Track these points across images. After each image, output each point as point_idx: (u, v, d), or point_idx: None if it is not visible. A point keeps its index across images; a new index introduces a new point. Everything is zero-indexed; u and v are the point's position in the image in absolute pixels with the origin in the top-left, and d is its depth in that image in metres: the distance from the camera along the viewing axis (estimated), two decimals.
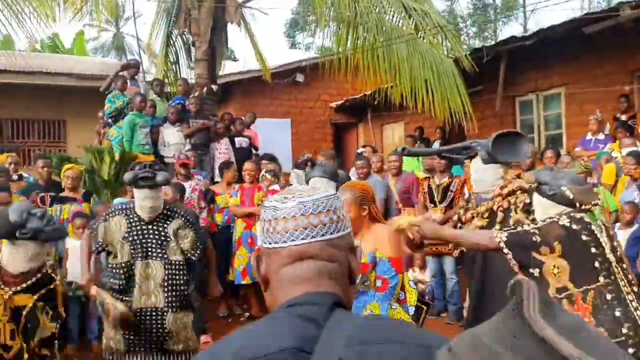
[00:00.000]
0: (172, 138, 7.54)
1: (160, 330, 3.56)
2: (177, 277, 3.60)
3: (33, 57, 9.77)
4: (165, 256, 3.59)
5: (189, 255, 3.66)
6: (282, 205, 1.09)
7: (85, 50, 16.81)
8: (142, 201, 3.59)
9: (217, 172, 7.65)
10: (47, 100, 11.93)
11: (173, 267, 3.59)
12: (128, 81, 7.95)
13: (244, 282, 6.30)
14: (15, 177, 6.17)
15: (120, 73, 8.04)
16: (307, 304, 1.03)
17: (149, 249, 3.58)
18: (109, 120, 7.90)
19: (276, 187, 6.48)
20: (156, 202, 3.61)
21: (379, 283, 2.86)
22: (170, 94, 9.59)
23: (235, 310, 6.59)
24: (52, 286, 2.95)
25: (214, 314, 6.31)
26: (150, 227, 3.60)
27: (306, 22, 18.59)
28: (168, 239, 3.60)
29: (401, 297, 2.97)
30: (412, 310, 3.03)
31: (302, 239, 1.07)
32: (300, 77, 13.04)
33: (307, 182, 4.53)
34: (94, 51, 20.58)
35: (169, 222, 3.63)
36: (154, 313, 3.55)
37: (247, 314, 6.42)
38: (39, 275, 2.90)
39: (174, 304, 3.57)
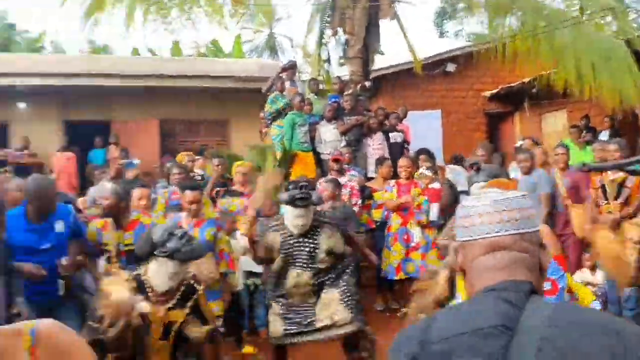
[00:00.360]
0: (329, 135, 7.77)
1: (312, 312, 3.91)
2: (325, 278, 3.95)
3: (199, 62, 10.64)
4: (314, 266, 3.89)
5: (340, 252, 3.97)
6: (477, 203, 1.23)
7: (242, 52, 17.85)
8: (296, 219, 3.88)
9: (370, 167, 7.75)
10: (212, 102, 12.93)
11: (322, 273, 3.93)
12: (287, 82, 8.33)
13: (396, 278, 6.30)
14: (197, 176, 6.71)
15: (280, 74, 8.44)
16: (506, 289, 1.14)
17: (299, 260, 3.91)
18: (269, 120, 8.35)
19: (436, 185, 6.39)
20: (308, 220, 3.88)
21: (547, 286, 2.70)
22: (323, 91, 9.89)
23: (391, 304, 6.64)
24: (195, 296, 3.08)
25: (371, 307, 6.41)
26: (301, 239, 3.91)
27: (455, 11, 18.02)
28: (317, 250, 3.89)
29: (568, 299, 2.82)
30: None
31: (496, 232, 1.20)
32: (451, 67, 12.73)
33: (469, 186, 4.41)
34: (249, 53, 21.72)
35: (318, 232, 3.92)
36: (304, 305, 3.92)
37: (404, 309, 6.43)
38: (182, 288, 3.05)
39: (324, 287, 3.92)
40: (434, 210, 6.24)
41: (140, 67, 10.83)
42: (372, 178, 7.47)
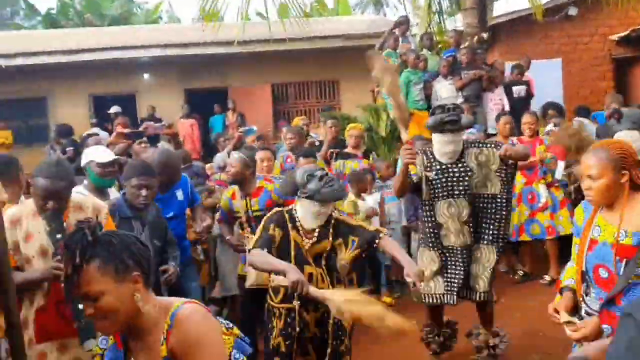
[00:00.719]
0: (445, 92, 7.55)
1: (467, 268, 3.68)
2: (481, 210, 3.63)
3: (306, 23, 10.63)
4: (469, 192, 3.59)
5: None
6: None
7: (348, 7, 17.64)
8: (446, 146, 3.59)
9: (490, 124, 7.46)
10: (321, 63, 12.98)
11: (478, 200, 3.62)
12: (400, 38, 8.16)
13: (520, 239, 6.08)
14: (316, 142, 6.77)
15: (393, 31, 8.28)
16: None
17: (451, 188, 3.62)
18: None
19: None
20: (458, 146, 3.60)
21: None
22: (436, 45, 9.57)
23: (516, 266, 6.45)
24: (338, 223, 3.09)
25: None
26: (449, 165, 3.63)
27: None
28: (469, 173, 3.59)
29: None
30: None
31: None
32: (573, 11, 11.75)
33: (605, 137, 4.10)
34: (353, 8, 21.45)
35: (465, 158, 3.62)
36: (462, 251, 3.67)
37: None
38: (330, 225, 3.07)
39: (481, 236, 3.66)
40: (560, 169, 5.92)
41: (252, 32, 11.04)
42: (492, 135, 7.20)
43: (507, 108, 7.42)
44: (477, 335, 3.94)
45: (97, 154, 3.72)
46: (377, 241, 3.06)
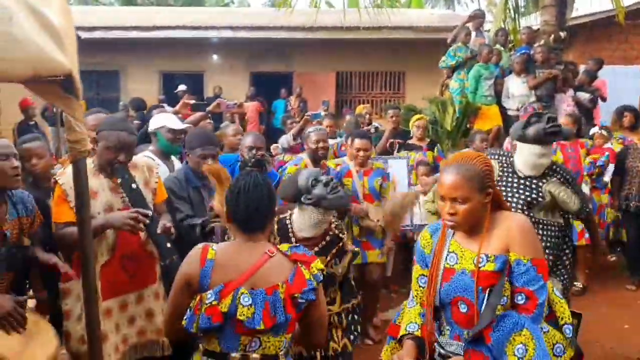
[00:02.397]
0: (517, 89, 7.33)
1: None
2: (546, 237, 3.33)
3: (376, 13, 10.56)
4: (531, 214, 3.31)
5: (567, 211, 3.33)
6: None
7: (420, 1, 17.46)
8: (538, 159, 3.27)
9: None
10: (388, 54, 12.88)
11: (542, 227, 3.34)
12: (473, 32, 7.98)
13: None
14: (372, 128, 6.73)
15: (466, 24, 8.10)
16: None
17: (516, 204, 3.36)
18: (445, 71, 8.10)
19: (610, 145, 5.80)
20: (543, 161, 3.29)
21: (520, 299, 2.02)
22: (509, 43, 9.30)
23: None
24: (341, 244, 2.85)
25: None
26: (523, 181, 3.35)
27: None
28: (540, 198, 3.31)
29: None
30: (568, 330, 2.14)
31: None
32: None
33: None
34: (425, 1, 21.20)
35: (544, 180, 3.32)
36: None
37: None
38: (327, 238, 2.83)
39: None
40: (608, 172, 5.74)
41: (321, 19, 11.05)
42: None
43: (576, 111, 7.13)
44: None
45: (169, 120, 3.80)
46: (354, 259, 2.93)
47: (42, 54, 1.44)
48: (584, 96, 7.67)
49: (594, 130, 6.60)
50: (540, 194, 3.31)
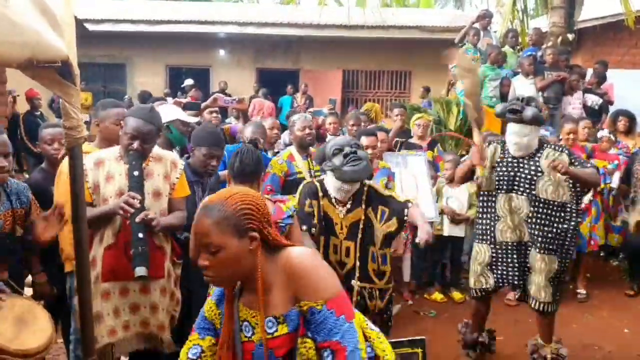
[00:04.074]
0: (524, 91, 7.27)
1: (523, 266, 3.56)
2: (544, 215, 3.46)
3: (383, 12, 10.55)
4: (533, 192, 3.47)
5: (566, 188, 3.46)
6: None
7: (429, 1, 17.41)
8: (509, 136, 3.52)
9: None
10: (395, 53, 12.85)
11: (541, 204, 3.46)
12: (481, 32, 7.94)
13: None
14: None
15: (474, 24, 8.07)
16: None
17: (516, 183, 3.52)
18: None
19: (614, 151, 5.76)
20: (522, 140, 3.47)
21: (327, 356, 1.57)
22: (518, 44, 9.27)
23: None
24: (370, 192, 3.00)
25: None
26: (517, 160, 3.53)
27: None
28: (539, 174, 3.46)
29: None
30: None
31: None
32: None
33: None
34: (435, 2, 21.12)
35: (538, 156, 3.49)
36: (516, 247, 3.56)
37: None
38: (362, 194, 2.97)
39: (539, 243, 3.49)
40: (615, 179, 5.70)
41: (328, 17, 11.05)
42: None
43: (583, 114, 7.09)
44: (533, 346, 3.76)
45: (182, 114, 3.90)
46: (406, 212, 2.97)
47: (39, 38, 1.44)
48: (595, 100, 7.60)
49: (601, 133, 6.55)
50: (539, 168, 3.47)
